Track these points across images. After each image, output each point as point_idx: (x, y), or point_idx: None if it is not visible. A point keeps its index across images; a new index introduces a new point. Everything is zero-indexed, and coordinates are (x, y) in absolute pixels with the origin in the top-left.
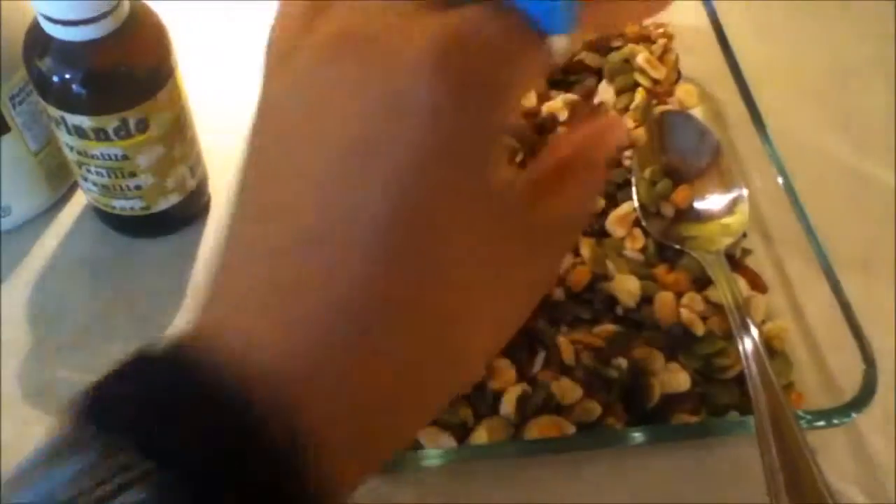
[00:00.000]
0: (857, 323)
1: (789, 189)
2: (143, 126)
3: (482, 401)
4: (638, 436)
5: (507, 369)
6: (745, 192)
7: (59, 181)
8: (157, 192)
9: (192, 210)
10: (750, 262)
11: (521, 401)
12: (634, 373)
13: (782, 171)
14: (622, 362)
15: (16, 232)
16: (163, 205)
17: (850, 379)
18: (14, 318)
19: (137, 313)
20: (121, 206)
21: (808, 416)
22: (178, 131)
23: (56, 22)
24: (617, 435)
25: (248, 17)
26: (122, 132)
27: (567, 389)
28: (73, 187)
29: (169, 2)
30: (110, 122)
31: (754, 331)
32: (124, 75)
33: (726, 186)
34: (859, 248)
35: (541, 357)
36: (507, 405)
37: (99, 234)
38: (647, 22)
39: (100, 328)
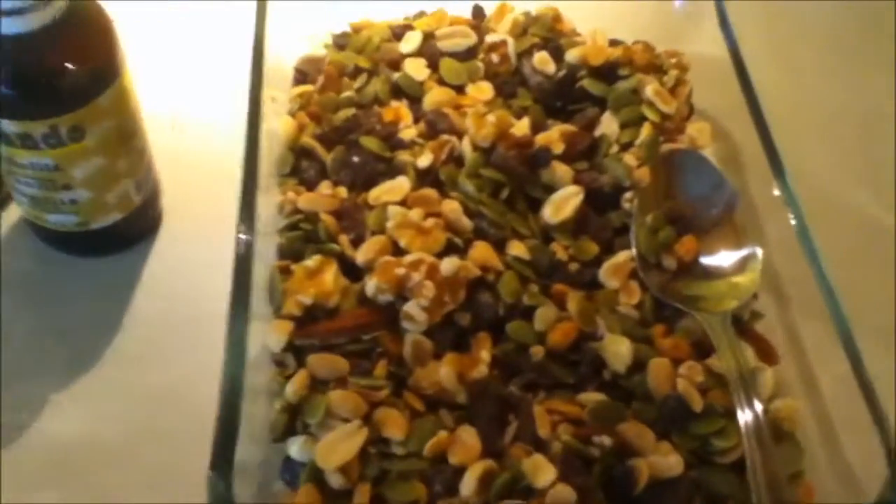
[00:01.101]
0: (880, 411)
1: (808, 243)
2: (77, 135)
3: (440, 477)
4: None
5: (471, 441)
6: (759, 250)
7: None
8: (95, 207)
9: (137, 228)
10: (760, 326)
11: (485, 480)
12: (619, 453)
13: (801, 223)
14: (605, 440)
15: None
16: (103, 221)
17: (870, 468)
18: None
19: (71, 343)
20: (55, 220)
21: None
22: (123, 142)
23: None
24: None
25: (217, 15)
26: (52, 140)
27: (539, 469)
28: (7, 196)
29: None
30: (38, 129)
31: (760, 409)
32: (56, 77)
33: (739, 242)
34: (885, 313)
35: (512, 428)
36: (469, 484)
37: (33, 250)
38: (660, 50)
39: (27, 359)
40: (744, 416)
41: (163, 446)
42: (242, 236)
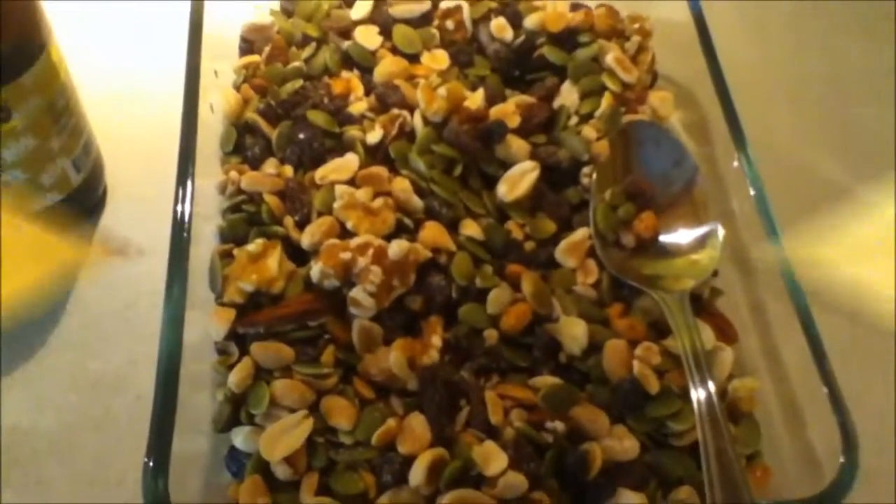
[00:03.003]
0: (839, 395)
1: (768, 221)
2: (3, 115)
3: (388, 467)
4: None
5: (421, 429)
6: (719, 227)
7: None
8: (31, 189)
9: (79, 208)
10: (722, 303)
11: (435, 468)
12: (573, 438)
13: (761, 198)
14: (558, 425)
15: None
16: (40, 203)
17: (832, 446)
18: None
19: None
20: None
21: None
22: (54, 121)
23: None
24: None
25: None
26: None
27: (490, 456)
28: None
29: None
30: None
31: (713, 390)
32: None
33: (699, 218)
34: (847, 287)
35: (463, 414)
36: (418, 473)
37: None
38: (624, 15)
39: None
40: (697, 397)
41: (103, 434)
42: (179, 209)
